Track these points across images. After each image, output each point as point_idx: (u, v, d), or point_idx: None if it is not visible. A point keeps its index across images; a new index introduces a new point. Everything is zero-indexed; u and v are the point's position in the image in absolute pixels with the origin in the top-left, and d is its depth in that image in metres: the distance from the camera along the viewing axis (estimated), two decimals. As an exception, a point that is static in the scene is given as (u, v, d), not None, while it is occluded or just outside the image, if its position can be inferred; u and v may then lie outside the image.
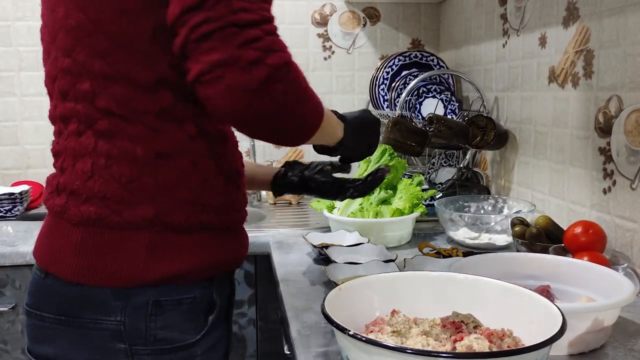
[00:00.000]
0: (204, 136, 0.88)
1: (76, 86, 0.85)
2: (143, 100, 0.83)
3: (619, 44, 1.25)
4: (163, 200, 0.85)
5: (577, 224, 1.21)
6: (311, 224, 1.81)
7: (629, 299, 0.87)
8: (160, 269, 0.85)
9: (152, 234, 0.85)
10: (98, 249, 0.84)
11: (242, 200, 0.98)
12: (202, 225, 0.88)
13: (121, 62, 0.83)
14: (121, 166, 0.84)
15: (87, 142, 0.85)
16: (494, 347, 0.70)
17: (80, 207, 0.85)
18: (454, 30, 2.28)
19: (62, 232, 0.88)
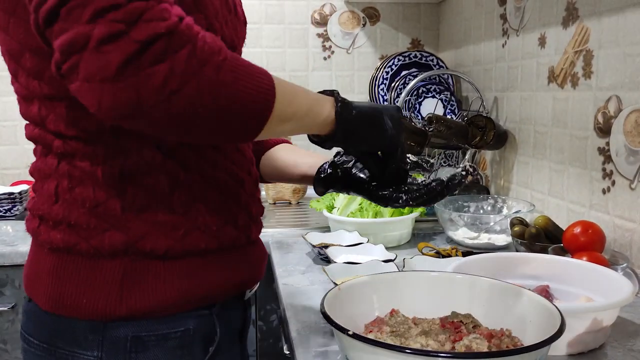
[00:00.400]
0: (184, 145, 0.77)
1: (28, 110, 0.79)
2: (92, 118, 0.71)
3: (618, 44, 1.25)
4: (134, 227, 0.75)
5: (576, 224, 1.21)
6: (311, 224, 1.81)
7: (628, 299, 0.87)
8: (138, 301, 0.76)
9: (127, 263, 0.76)
10: (70, 277, 0.77)
11: (249, 213, 0.86)
12: (189, 251, 0.78)
13: (57, 80, 0.68)
14: (84, 189, 0.75)
15: (51, 162, 0.78)
16: (493, 347, 0.71)
17: (50, 233, 0.78)
18: (454, 30, 2.28)
19: (38, 257, 0.81)
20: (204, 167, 0.79)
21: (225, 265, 0.82)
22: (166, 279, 0.77)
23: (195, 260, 0.79)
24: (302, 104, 0.74)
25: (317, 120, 0.76)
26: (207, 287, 0.80)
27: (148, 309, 0.76)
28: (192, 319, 0.79)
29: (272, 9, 2.38)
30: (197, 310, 0.80)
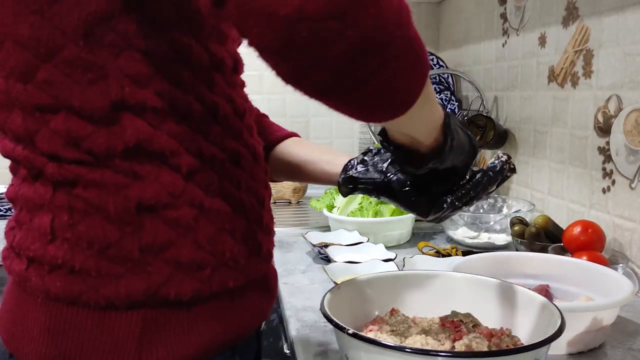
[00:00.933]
0: (207, 165, 0.64)
1: (8, 121, 0.63)
2: (99, 137, 0.59)
3: (618, 44, 1.25)
4: (155, 270, 0.62)
5: (576, 224, 1.22)
6: (311, 223, 1.81)
7: (628, 298, 0.87)
8: (160, 357, 0.63)
9: (147, 312, 0.62)
10: (73, 334, 0.62)
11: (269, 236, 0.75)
12: (216, 293, 0.66)
13: (53, 85, 0.58)
14: (91, 225, 0.61)
15: (42, 190, 0.62)
16: (492, 346, 0.71)
17: (44, 279, 0.62)
18: (454, 29, 2.28)
19: (25, 308, 0.65)
20: (228, 188, 0.67)
21: (250, 300, 0.71)
22: (191, 328, 0.65)
23: (222, 301, 0.67)
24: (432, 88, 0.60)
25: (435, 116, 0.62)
26: (234, 329, 0.69)
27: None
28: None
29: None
30: (222, 354, 0.69)
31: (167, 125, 0.61)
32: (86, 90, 0.59)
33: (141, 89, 0.60)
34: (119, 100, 0.59)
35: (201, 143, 0.64)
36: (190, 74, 0.63)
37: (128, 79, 0.59)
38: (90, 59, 0.58)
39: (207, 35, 0.64)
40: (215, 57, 0.65)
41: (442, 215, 0.72)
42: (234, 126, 0.68)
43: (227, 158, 0.67)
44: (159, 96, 0.60)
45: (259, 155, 0.74)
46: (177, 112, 0.62)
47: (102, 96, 0.59)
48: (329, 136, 2.44)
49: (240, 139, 0.69)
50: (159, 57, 0.60)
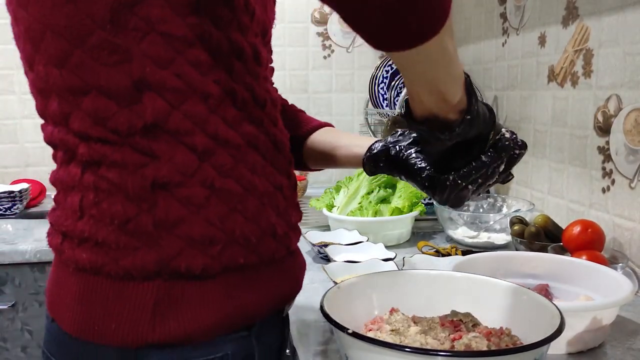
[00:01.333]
0: (222, 147, 0.68)
1: (47, 106, 0.69)
2: (122, 116, 0.65)
3: (618, 43, 1.25)
4: (167, 244, 0.67)
5: (576, 223, 1.22)
6: (310, 223, 1.81)
7: (628, 297, 0.87)
8: (172, 328, 0.68)
9: (160, 285, 0.68)
10: (98, 301, 0.69)
11: (288, 222, 0.78)
12: (227, 268, 0.70)
13: (84, 68, 0.63)
14: (112, 203, 0.67)
15: (74, 171, 0.69)
16: (492, 345, 0.71)
17: (74, 251, 0.70)
18: (454, 29, 2.28)
19: (61, 278, 0.73)
20: (242, 171, 0.70)
21: (264, 281, 0.74)
22: (203, 301, 0.69)
23: (233, 277, 0.71)
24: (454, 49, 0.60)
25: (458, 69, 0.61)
26: (247, 306, 0.72)
27: (183, 335, 0.68)
28: (230, 342, 0.72)
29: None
30: (236, 332, 0.72)
31: (185, 106, 0.66)
32: (112, 72, 0.64)
33: (161, 70, 0.64)
34: (140, 79, 0.64)
35: (218, 125, 0.68)
36: (210, 59, 0.66)
37: (150, 60, 0.63)
38: (116, 43, 0.63)
39: (227, 23, 0.67)
40: (235, 44, 0.68)
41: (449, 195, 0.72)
42: (253, 113, 0.72)
43: (244, 142, 0.70)
44: (178, 77, 0.65)
45: (281, 145, 0.77)
46: (196, 93, 0.66)
47: (126, 76, 0.63)
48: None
49: (260, 126, 0.73)
50: (179, 41, 0.64)
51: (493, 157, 0.71)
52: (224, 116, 0.68)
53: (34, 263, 1.62)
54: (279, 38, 2.38)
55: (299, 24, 2.39)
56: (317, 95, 2.46)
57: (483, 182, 0.72)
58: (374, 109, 2.31)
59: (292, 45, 2.41)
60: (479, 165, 0.71)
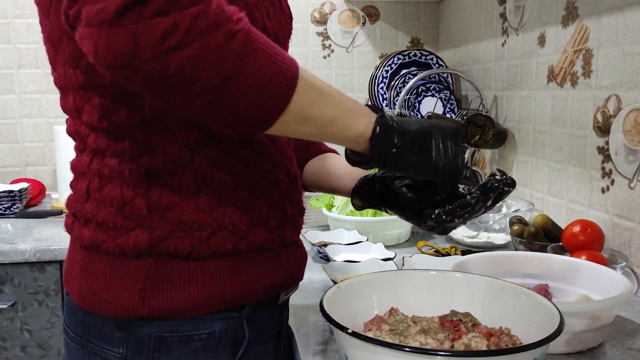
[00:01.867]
0: (214, 142, 0.74)
1: (66, 102, 0.78)
2: (123, 110, 0.72)
3: (617, 44, 1.25)
4: (158, 226, 0.74)
5: (576, 223, 1.22)
6: (310, 222, 1.81)
7: (627, 297, 0.87)
8: (160, 302, 0.74)
9: (152, 263, 0.74)
10: (98, 275, 0.77)
11: (283, 214, 0.81)
12: (215, 252, 0.75)
13: (93, 68, 0.68)
14: (112, 188, 0.75)
15: (85, 160, 0.78)
16: (491, 345, 0.71)
17: (81, 230, 0.78)
18: (453, 29, 2.28)
19: (72, 253, 0.82)
20: (234, 165, 0.75)
21: (255, 268, 0.78)
22: (190, 280, 0.75)
23: (222, 261, 0.76)
24: (328, 109, 0.68)
25: (346, 133, 0.70)
26: (235, 289, 0.77)
27: (169, 310, 0.74)
28: (218, 321, 0.77)
29: None
30: (225, 312, 0.77)
31: None
32: None
33: None
34: None
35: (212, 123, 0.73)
36: None
37: None
38: None
39: None
40: None
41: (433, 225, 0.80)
42: None
43: (238, 138, 0.75)
44: None
45: (279, 143, 0.82)
46: None
47: None
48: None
49: None
50: None
51: (478, 197, 0.78)
52: None
53: (33, 262, 1.62)
54: (279, 38, 2.38)
55: (298, 23, 2.39)
56: (316, 95, 2.46)
57: (469, 216, 0.79)
58: (373, 108, 2.31)
59: (291, 45, 2.39)
60: (464, 204, 0.78)
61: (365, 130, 0.71)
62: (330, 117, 0.68)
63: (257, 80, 0.60)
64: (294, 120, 0.65)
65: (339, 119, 0.69)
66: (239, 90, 0.60)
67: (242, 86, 0.60)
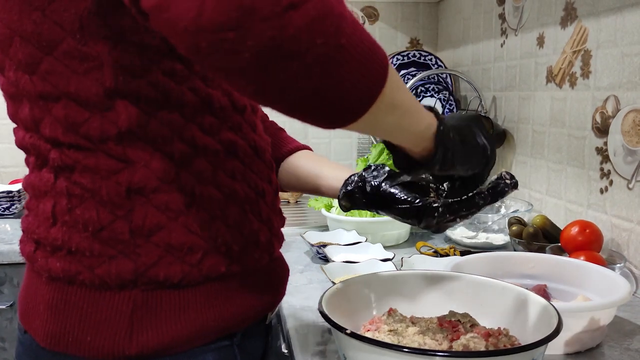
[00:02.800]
0: (201, 154, 0.67)
1: (18, 112, 0.68)
2: (94, 122, 0.63)
3: (616, 44, 1.25)
4: (144, 252, 0.65)
5: (574, 224, 1.22)
6: (309, 223, 1.81)
7: (625, 298, 0.87)
8: (150, 338, 0.66)
9: (137, 294, 0.66)
10: (72, 311, 0.67)
11: (270, 228, 0.76)
12: (207, 277, 0.68)
13: (54, 75, 0.62)
14: (86, 209, 0.65)
15: (47, 177, 0.67)
16: (490, 346, 0.71)
17: (47, 260, 0.68)
18: (452, 29, 2.28)
19: (34, 286, 0.71)
20: (222, 178, 0.69)
21: (247, 290, 0.73)
22: (182, 310, 0.67)
23: (214, 286, 0.69)
24: (407, 95, 0.59)
25: (416, 127, 0.63)
26: (229, 316, 0.71)
27: (161, 346, 0.66)
28: (211, 352, 0.70)
29: None
30: (217, 342, 0.71)
31: (160, 114, 0.64)
32: (83, 79, 0.62)
33: (135, 79, 0.63)
34: (112, 88, 0.62)
35: (195, 132, 0.66)
36: (184, 67, 0.65)
37: (122, 69, 0.62)
38: (86, 51, 0.62)
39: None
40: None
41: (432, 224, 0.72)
42: (231, 119, 0.70)
43: (223, 149, 0.69)
44: (152, 86, 0.63)
45: (261, 150, 0.76)
46: (171, 101, 0.65)
47: (97, 84, 0.62)
48: (327, 135, 2.45)
49: (239, 132, 0.71)
50: (153, 50, 0.63)
51: (486, 199, 0.72)
52: (201, 123, 0.67)
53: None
54: (278, 38, 2.38)
55: (297, 24, 2.40)
56: (315, 96, 2.46)
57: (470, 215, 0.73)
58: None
59: (290, 46, 2.41)
60: (471, 204, 0.72)
61: (429, 127, 0.64)
62: (407, 104, 0.60)
63: (362, 53, 0.51)
64: (385, 107, 0.56)
65: (413, 109, 0.61)
66: (347, 62, 0.50)
67: (351, 58, 0.50)
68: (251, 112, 0.75)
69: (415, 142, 0.65)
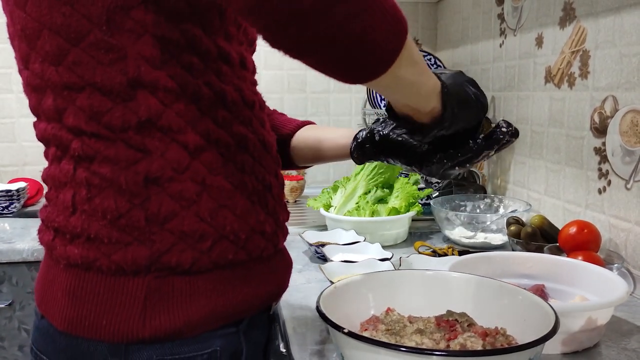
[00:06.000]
0: (213, 146, 0.71)
1: (42, 103, 0.71)
2: (117, 112, 0.67)
3: (614, 45, 1.25)
4: (159, 239, 0.69)
5: (572, 224, 1.22)
6: (308, 223, 1.81)
7: (623, 298, 0.88)
8: (163, 322, 0.69)
9: (151, 280, 0.69)
10: (89, 297, 0.70)
11: (276, 220, 0.80)
12: (216, 264, 0.72)
13: (80, 65, 0.66)
14: (105, 198, 0.68)
15: (67, 168, 0.71)
16: (487, 345, 0.71)
17: (66, 247, 0.71)
18: (451, 29, 2.28)
19: (52, 273, 0.74)
20: (232, 170, 0.73)
21: (253, 278, 0.76)
22: (192, 296, 0.70)
23: (223, 273, 0.73)
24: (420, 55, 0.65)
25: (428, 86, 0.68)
26: (236, 302, 0.74)
27: (173, 329, 0.69)
28: (218, 338, 0.73)
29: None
30: (224, 328, 0.74)
31: (177, 105, 0.68)
32: (107, 70, 0.66)
33: (155, 70, 0.67)
34: (135, 78, 0.66)
35: (209, 125, 0.70)
36: (200, 62, 0.69)
37: (144, 60, 0.66)
38: (112, 42, 0.65)
39: (215, 31, 0.70)
40: (222, 50, 0.71)
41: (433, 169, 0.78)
42: (242, 113, 0.75)
43: (234, 142, 0.73)
44: (171, 78, 0.67)
45: (269, 146, 0.80)
46: (187, 94, 0.69)
47: (121, 74, 0.66)
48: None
49: (249, 127, 0.76)
50: (173, 44, 0.67)
51: (482, 146, 0.76)
52: (215, 116, 0.71)
53: (31, 262, 1.62)
54: (277, 38, 2.37)
55: (297, 23, 2.39)
56: (315, 95, 2.46)
57: (470, 164, 0.78)
58: (371, 109, 2.31)
59: (290, 45, 2.41)
60: (466, 151, 0.76)
61: (436, 84, 0.70)
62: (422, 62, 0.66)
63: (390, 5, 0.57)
64: (405, 59, 0.61)
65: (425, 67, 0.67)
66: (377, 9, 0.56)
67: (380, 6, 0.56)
68: (259, 109, 0.79)
69: (427, 102, 0.70)
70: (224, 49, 0.72)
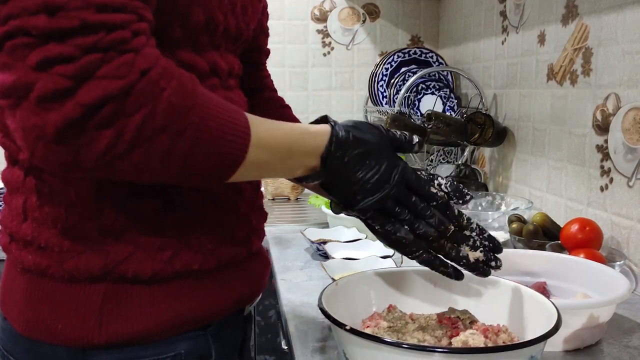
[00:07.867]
0: None
1: None
2: None
3: (617, 42, 1.25)
4: (114, 250, 0.66)
5: (574, 221, 1.22)
6: (309, 220, 1.81)
7: (624, 295, 0.88)
8: (119, 329, 0.67)
9: (107, 287, 0.67)
10: (45, 302, 0.68)
11: (248, 224, 0.77)
12: (179, 273, 0.69)
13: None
14: (54, 208, 0.66)
15: (18, 174, 0.68)
16: (489, 342, 0.71)
17: (21, 252, 0.70)
18: (453, 27, 2.28)
19: (11, 275, 0.73)
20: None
21: (221, 284, 0.73)
22: (152, 303, 0.68)
23: (187, 281, 0.70)
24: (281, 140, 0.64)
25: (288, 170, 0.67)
26: (201, 309, 0.71)
27: (130, 336, 0.67)
28: (183, 342, 0.71)
29: (272, 5, 2.37)
30: (190, 332, 0.71)
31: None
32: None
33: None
34: None
35: None
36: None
37: None
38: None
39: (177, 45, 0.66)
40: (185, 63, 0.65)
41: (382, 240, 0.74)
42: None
43: None
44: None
45: None
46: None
47: None
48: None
49: None
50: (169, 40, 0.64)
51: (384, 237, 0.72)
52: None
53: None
54: (279, 35, 2.38)
55: (298, 21, 2.39)
56: (316, 93, 2.46)
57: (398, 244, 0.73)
58: (373, 106, 2.31)
59: (291, 43, 2.41)
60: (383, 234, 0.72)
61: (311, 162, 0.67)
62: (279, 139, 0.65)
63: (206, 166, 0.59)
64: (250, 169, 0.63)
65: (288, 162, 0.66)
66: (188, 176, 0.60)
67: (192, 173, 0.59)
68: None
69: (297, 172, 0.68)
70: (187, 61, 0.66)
